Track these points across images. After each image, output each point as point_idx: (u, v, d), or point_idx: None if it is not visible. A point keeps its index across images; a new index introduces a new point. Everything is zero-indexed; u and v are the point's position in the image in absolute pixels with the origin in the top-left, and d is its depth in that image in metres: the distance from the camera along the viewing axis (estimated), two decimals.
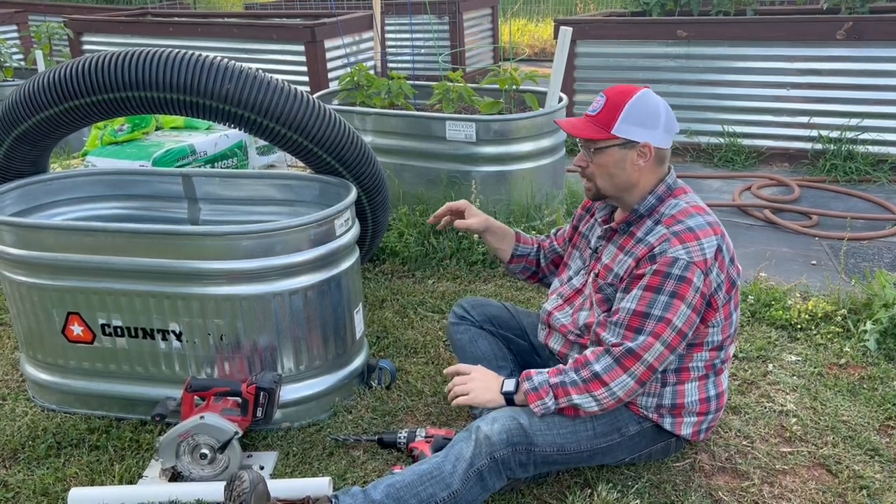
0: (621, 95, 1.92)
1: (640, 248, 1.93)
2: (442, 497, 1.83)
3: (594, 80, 5.53)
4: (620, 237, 2.03)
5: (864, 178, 4.71)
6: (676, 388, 2.00)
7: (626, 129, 1.90)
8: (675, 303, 1.85)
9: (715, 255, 1.88)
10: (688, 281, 1.85)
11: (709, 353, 2.00)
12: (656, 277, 1.86)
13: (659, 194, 1.97)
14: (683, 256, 1.85)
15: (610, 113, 1.91)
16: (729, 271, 1.93)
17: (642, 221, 1.98)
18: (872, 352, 2.70)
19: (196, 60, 2.24)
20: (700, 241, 1.87)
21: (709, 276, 1.87)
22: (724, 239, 1.93)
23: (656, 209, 1.97)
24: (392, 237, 3.53)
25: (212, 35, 6.57)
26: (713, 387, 2.04)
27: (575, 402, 1.91)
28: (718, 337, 1.98)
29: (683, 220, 1.91)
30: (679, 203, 1.96)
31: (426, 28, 7.49)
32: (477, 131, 3.46)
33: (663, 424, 2.03)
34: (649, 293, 1.87)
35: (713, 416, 2.08)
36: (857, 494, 2.04)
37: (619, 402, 1.92)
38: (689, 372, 2.00)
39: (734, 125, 5.20)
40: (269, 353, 2.29)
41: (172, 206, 2.82)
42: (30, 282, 2.31)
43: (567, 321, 2.12)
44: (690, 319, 1.87)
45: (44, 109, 2.31)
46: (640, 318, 1.87)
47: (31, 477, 2.17)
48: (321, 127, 2.41)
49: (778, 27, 4.98)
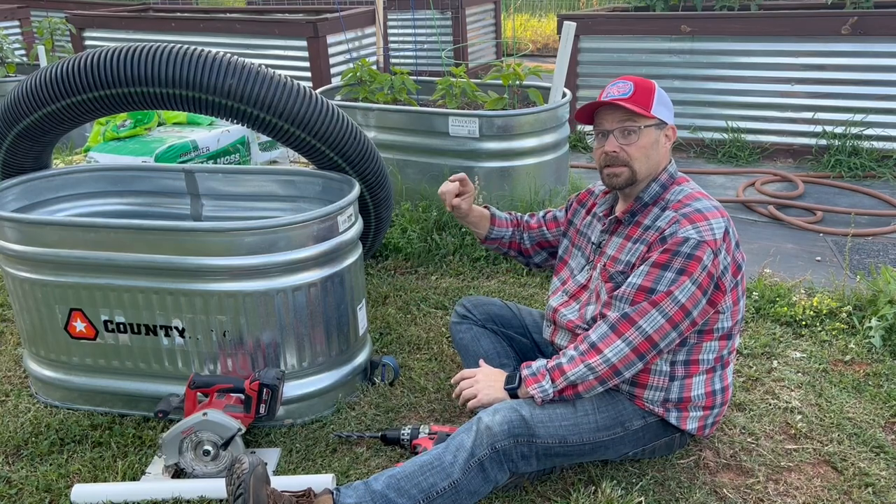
0: (645, 81, 1.99)
1: (650, 234, 1.95)
2: (443, 487, 1.83)
3: (598, 76, 5.52)
4: (626, 228, 2.04)
5: (868, 173, 4.69)
6: (684, 382, 2.00)
7: (660, 111, 1.97)
8: (681, 279, 1.86)
9: (724, 236, 1.90)
10: (696, 258, 1.86)
11: (718, 342, 2.00)
12: (665, 255, 1.88)
13: (663, 182, 2.01)
14: (694, 236, 1.87)
15: (644, 95, 1.96)
16: (735, 255, 1.95)
17: (648, 210, 2.00)
18: (878, 348, 2.69)
19: (199, 56, 2.23)
20: (709, 222, 1.90)
21: (718, 256, 1.88)
22: (730, 223, 1.96)
23: (661, 196, 2.00)
24: (395, 233, 3.52)
25: (214, 30, 6.56)
26: (719, 380, 2.04)
27: (570, 378, 1.91)
28: (728, 323, 1.98)
29: (691, 203, 1.94)
30: (684, 189, 2.00)
31: (429, 23, 7.47)
32: (480, 127, 3.45)
33: (669, 419, 2.02)
34: (656, 269, 1.88)
35: (718, 410, 2.07)
36: (862, 492, 2.03)
37: (614, 369, 1.89)
38: (698, 365, 2.00)
39: (738, 121, 5.18)
40: (272, 349, 2.28)
41: (175, 203, 2.82)
42: (32, 278, 2.31)
43: (574, 317, 2.12)
44: (695, 296, 1.87)
45: (46, 105, 2.31)
46: (645, 292, 1.89)
47: (34, 473, 2.17)
48: (324, 123, 2.40)
49: (782, 22, 4.96)
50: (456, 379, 2.13)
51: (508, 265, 3.39)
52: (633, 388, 2.00)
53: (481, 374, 2.08)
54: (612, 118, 1.98)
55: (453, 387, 2.14)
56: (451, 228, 3.52)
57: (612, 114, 1.98)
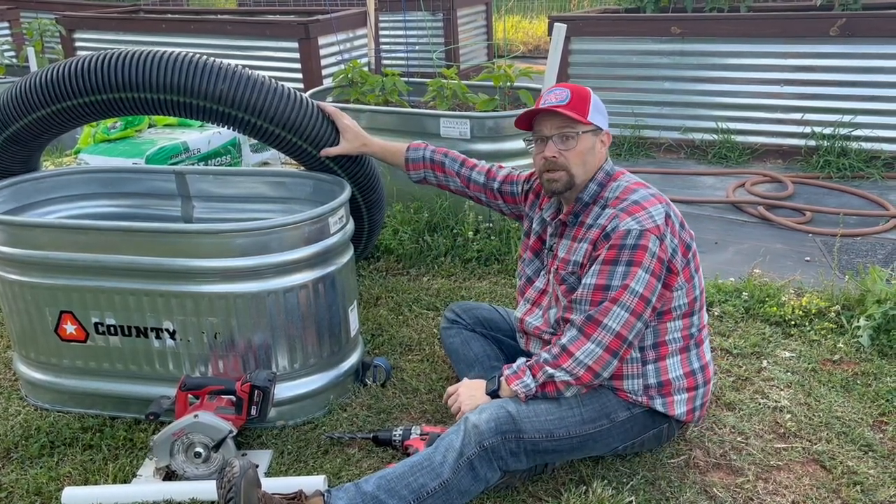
0: (581, 88, 2.05)
1: (592, 232, 2.00)
2: (433, 487, 1.84)
3: (588, 77, 5.53)
4: (571, 229, 2.09)
5: (857, 174, 4.72)
6: (658, 365, 2.03)
7: (596, 118, 2.03)
8: (632, 270, 1.90)
9: (665, 220, 1.95)
10: (642, 247, 1.90)
11: (681, 321, 2.03)
12: (612, 251, 1.92)
13: (599, 180, 2.05)
14: (635, 227, 1.91)
15: (581, 102, 2.01)
16: (681, 235, 2.00)
17: (589, 209, 2.05)
18: (866, 348, 2.71)
19: (189, 61, 2.23)
20: (648, 210, 1.94)
21: (663, 241, 1.93)
22: (670, 206, 2.01)
23: (600, 195, 2.05)
24: (387, 234, 3.52)
25: (205, 32, 6.54)
26: (696, 359, 2.07)
27: (549, 372, 1.95)
28: (684, 300, 2.02)
29: (627, 196, 1.99)
30: (620, 184, 2.04)
31: (420, 25, 7.48)
32: (471, 128, 3.46)
33: (654, 405, 2.04)
34: (607, 266, 1.92)
35: (703, 390, 2.09)
36: (850, 490, 2.05)
37: (592, 372, 1.93)
38: (666, 346, 2.03)
39: (728, 122, 5.21)
40: (264, 350, 2.28)
41: (166, 204, 2.82)
42: (22, 280, 2.30)
43: (539, 323, 2.17)
44: (651, 284, 1.91)
45: (35, 111, 2.29)
46: (601, 290, 1.92)
47: (24, 476, 2.16)
48: (314, 125, 2.41)
49: (771, 24, 4.99)
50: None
51: (500, 266, 3.40)
52: (611, 380, 2.03)
53: (462, 387, 2.12)
54: (551, 124, 2.02)
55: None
56: (443, 230, 3.53)
57: (550, 120, 2.02)
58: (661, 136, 5.41)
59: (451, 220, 3.54)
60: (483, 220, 3.53)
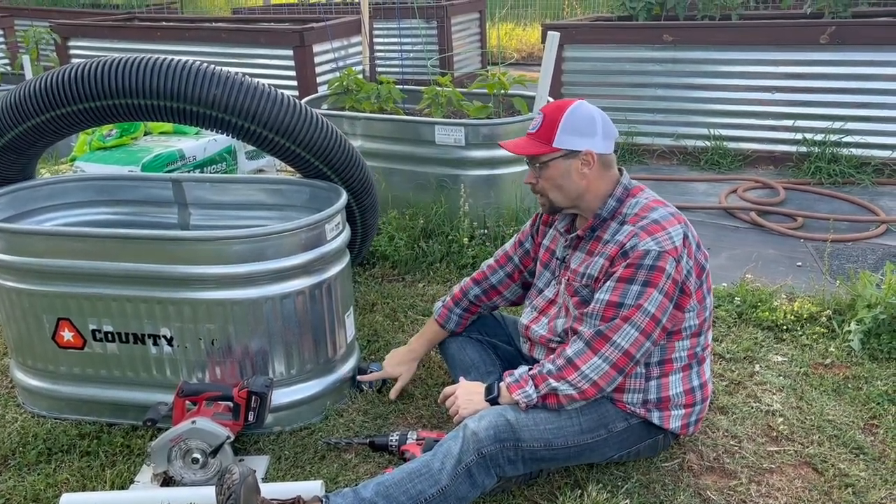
0: (557, 110, 2.01)
1: (610, 248, 1.99)
2: (431, 493, 1.85)
3: (582, 84, 5.58)
4: (587, 243, 2.09)
5: (847, 180, 4.76)
6: (660, 381, 2.04)
7: (567, 140, 1.99)
8: (647, 290, 1.91)
9: (683, 242, 1.95)
10: (660, 269, 1.90)
11: (689, 340, 2.04)
12: (629, 269, 1.92)
13: (618, 196, 2.04)
14: (654, 247, 1.91)
15: (549, 127, 2.00)
16: (697, 257, 2.00)
17: (607, 224, 2.05)
18: (857, 352, 2.74)
19: (183, 67, 2.24)
20: (667, 231, 1.94)
21: (680, 262, 1.93)
22: (689, 227, 2.01)
23: (618, 211, 2.04)
24: (382, 241, 3.54)
25: (200, 39, 6.56)
26: (696, 377, 2.09)
27: (553, 385, 1.95)
28: (695, 321, 2.03)
29: (647, 214, 1.98)
30: (639, 201, 2.03)
31: (414, 32, 7.51)
32: (466, 135, 3.48)
33: (651, 419, 2.05)
34: (622, 283, 1.92)
35: (700, 406, 2.11)
36: (842, 492, 2.07)
37: (596, 387, 1.94)
38: (672, 363, 2.04)
39: (720, 128, 5.25)
40: (261, 357, 2.29)
41: (162, 211, 2.83)
42: (19, 287, 2.31)
43: (544, 331, 2.17)
44: (663, 305, 1.92)
45: (30, 118, 2.30)
46: (615, 307, 1.93)
47: (21, 483, 2.16)
48: (309, 131, 2.42)
49: (762, 32, 5.04)
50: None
51: None
52: (612, 392, 2.03)
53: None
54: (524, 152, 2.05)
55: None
56: (438, 236, 3.55)
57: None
58: (654, 142, 5.45)
59: (447, 226, 3.56)
60: (478, 227, 3.55)
